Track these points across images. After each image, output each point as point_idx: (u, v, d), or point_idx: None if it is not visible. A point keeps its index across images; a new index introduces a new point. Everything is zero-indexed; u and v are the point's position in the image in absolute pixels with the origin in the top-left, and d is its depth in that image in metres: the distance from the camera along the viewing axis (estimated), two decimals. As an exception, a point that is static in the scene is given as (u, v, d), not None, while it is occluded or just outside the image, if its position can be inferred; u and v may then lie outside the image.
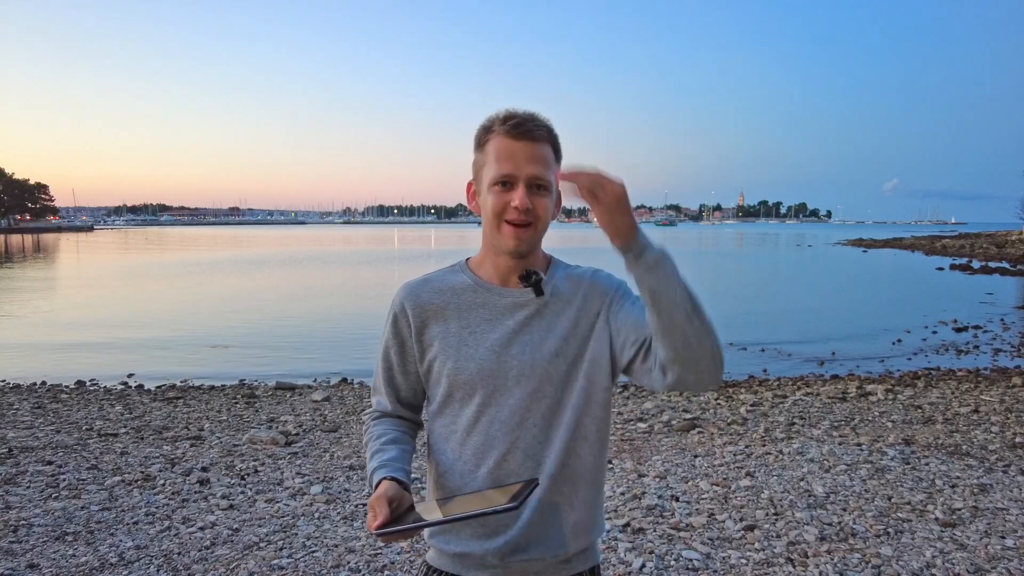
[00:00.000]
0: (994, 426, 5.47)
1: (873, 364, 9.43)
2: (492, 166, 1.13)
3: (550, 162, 1.14)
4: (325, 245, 59.46)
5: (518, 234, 1.13)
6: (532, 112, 1.15)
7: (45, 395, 7.39)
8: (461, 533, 1.18)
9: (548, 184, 1.14)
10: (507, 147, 1.12)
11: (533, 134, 1.12)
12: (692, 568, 2.99)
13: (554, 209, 1.19)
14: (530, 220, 1.13)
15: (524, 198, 1.11)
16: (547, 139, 1.14)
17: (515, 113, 1.13)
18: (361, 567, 3.03)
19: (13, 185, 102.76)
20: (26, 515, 3.61)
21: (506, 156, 1.12)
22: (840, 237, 78.98)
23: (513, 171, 1.11)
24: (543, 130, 1.13)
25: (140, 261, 37.11)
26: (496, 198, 1.13)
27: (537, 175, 1.12)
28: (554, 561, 1.18)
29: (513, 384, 1.16)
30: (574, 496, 1.19)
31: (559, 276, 1.23)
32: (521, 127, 1.11)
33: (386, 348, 1.25)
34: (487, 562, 1.17)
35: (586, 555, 1.22)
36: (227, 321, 13.87)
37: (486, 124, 1.16)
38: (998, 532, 3.30)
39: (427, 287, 1.23)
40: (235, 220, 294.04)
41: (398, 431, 1.25)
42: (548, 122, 1.16)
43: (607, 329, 1.18)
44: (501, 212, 1.13)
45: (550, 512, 1.17)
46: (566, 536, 1.18)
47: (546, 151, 1.14)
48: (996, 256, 33.93)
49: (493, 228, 1.15)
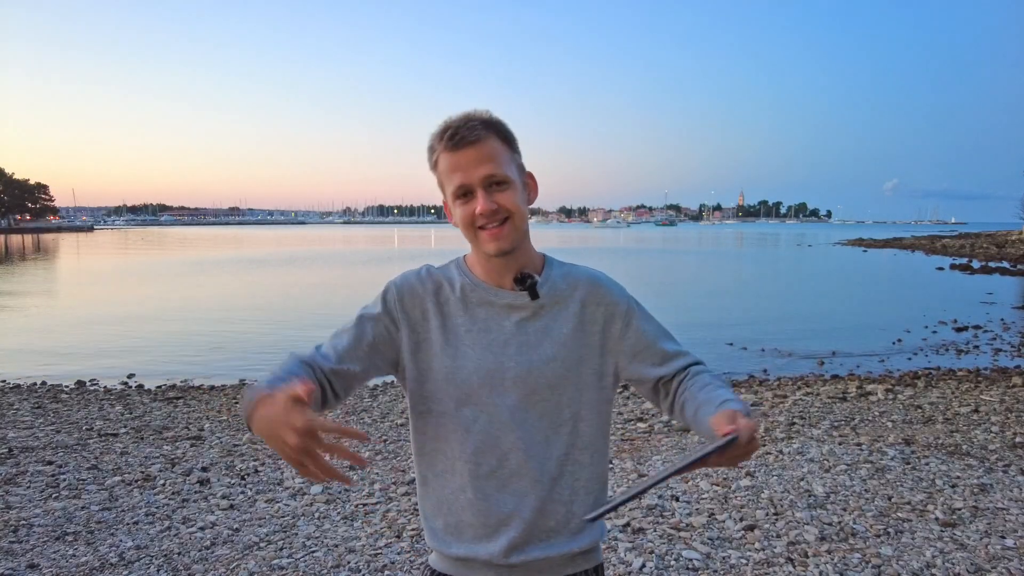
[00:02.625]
0: (994, 426, 5.47)
1: (873, 364, 9.42)
2: (447, 182, 1.14)
3: (499, 156, 1.13)
4: (325, 245, 59.46)
5: (495, 235, 1.13)
6: (467, 113, 1.13)
7: (45, 395, 7.39)
8: (463, 536, 1.18)
9: (504, 178, 1.13)
10: (452, 160, 1.12)
11: (469, 138, 1.11)
12: (692, 568, 2.99)
13: (525, 195, 1.19)
14: (503, 217, 1.13)
15: (485, 202, 1.11)
16: (489, 134, 1.13)
17: (450, 123, 1.13)
18: (361, 567, 3.03)
19: (13, 185, 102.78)
20: (26, 515, 3.61)
21: (454, 168, 1.12)
22: (840, 237, 79.01)
23: (465, 180, 1.12)
24: (479, 129, 1.12)
25: (140, 261, 37.11)
26: (462, 210, 1.14)
27: (489, 175, 1.11)
28: (558, 561, 1.18)
29: (511, 385, 1.15)
30: (575, 497, 1.19)
31: (555, 277, 1.22)
32: (456, 136, 1.11)
33: (367, 315, 1.17)
34: (491, 564, 1.16)
35: (589, 556, 1.22)
36: (228, 321, 13.87)
37: (430, 144, 1.16)
38: (998, 532, 3.30)
39: (429, 279, 1.22)
40: (235, 220, 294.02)
41: (305, 372, 1.06)
42: (485, 115, 1.14)
43: (620, 344, 1.21)
44: (471, 222, 1.13)
45: (552, 513, 1.17)
46: (568, 537, 1.18)
47: (491, 147, 1.12)
48: (996, 256, 33.92)
49: (472, 238, 1.16)
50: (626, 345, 1.21)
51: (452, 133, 1.11)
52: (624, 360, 1.21)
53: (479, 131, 1.11)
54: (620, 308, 1.21)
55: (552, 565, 1.18)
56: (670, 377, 1.20)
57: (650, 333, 1.21)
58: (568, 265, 1.26)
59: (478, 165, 1.11)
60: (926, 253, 40.71)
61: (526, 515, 1.15)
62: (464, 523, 1.17)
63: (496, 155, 1.13)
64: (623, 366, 1.22)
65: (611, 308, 1.20)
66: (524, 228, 1.18)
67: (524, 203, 1.17)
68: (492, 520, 1.16)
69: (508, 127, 1.17)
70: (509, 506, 1.15)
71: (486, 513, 1.16)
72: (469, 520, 1.17)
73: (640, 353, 1.21)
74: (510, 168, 1.15)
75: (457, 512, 1.18)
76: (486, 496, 1.15)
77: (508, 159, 1.15)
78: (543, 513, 1.16)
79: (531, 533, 1.15)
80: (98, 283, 23.42)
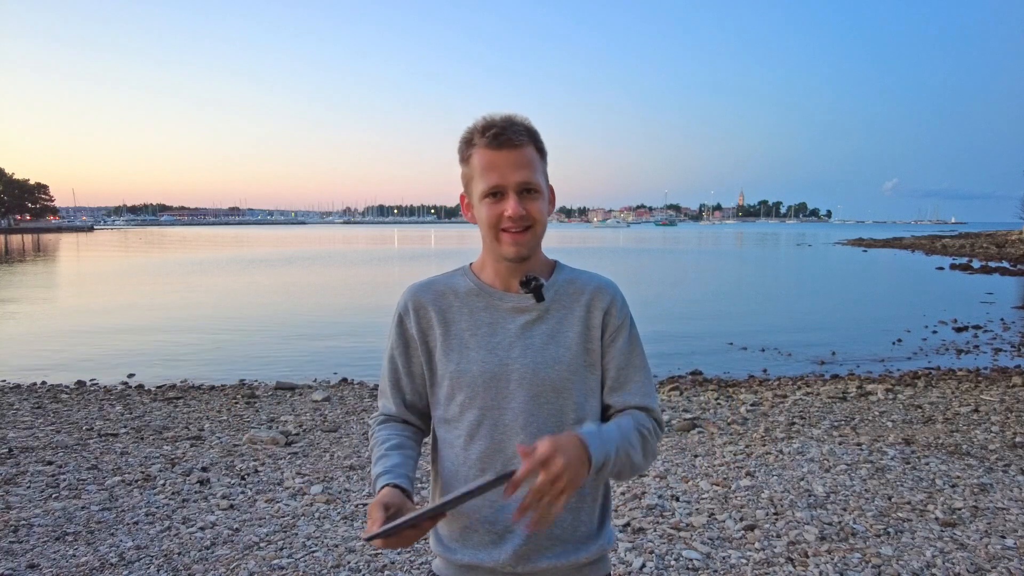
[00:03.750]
0: (994, 426, 5.47)
1: (873, 364, 9.43)
2: (480, 179, 1.13)
3: (535, 164, 1.14)
4: (325, 245, 59.45)
5: (517, 240, 1.13)
6: (509, 116, 1.14)
7: (45, 395, 7.39)
8: (468, 541, 1.17)
9: (538, 187, 1.14)
10: (491, 159, 1.12)
11: (514, 141, 1.11)
12: (692, 568, 2.99)
13: (549, 208, 1.20)
14: (527, 224, 1.13)
15: (516, 206, 1.11)
16: (529, 141, 1.14)
17: (493, 121, 1.13)
18: (361, 567, 3.03)
19: (13, 185, 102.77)
20: (26, 515, 3.61)
21: (491, 168, 1.12)
22: (840, 237, 79.01)
23: (500, 182, 1.11)
24: (523, 134, 1.13)
25: (140, 261, 37.11)
26: (489, 210, 1.13)
27: (525, 181, 1.12)
28: (565, 570, 1.17)
29: (515, 388, 1.15)
30: (580, 504, 1.17)
31: (562, 281, 1.22)
32: (501, 136, 1.11)
33: (391, 351, 1.24)
34: (496, 571, 1.15)
35: (597, 565, 1.21)
36: (228, 321, 13.87)
37: (467, 136, 1.15)
38: (998, 532, 3.30)
39: (431, 289, 1.23)
40: (235, 220, 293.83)
41: (402, 436, 1.22)
42: (527, 122, 1.15)
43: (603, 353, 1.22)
44: (496, 223, 1.13)
45: (559, 520, 1.15)
46: (576, 544, 1.17)
47: (529, 154, 1.13)
48: (996, 256, 33.93)
49: (492, 238, 1.15)
50: (605, 361, 1.21)
51: (497, 132, 1.11)
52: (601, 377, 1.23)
53: (523, 136, 1.12)
54: (615, 320, 1.21)
55: (559, 574, 1.16)
56: (618, 409, 1.20)
57: (623, 357, 1.20)
58: (578, 271, 1.26)
59: (516, 169, 1.11)
60: (926, 253, 40.71)
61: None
62: (469, 529, 1.16)
63: (533, 163, 1.14)
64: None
65: (608, 318, 1.21)
66: (541, 238, 1.19)
67: (546, 216, 1.18)
68: (498, 527, 1.15)
69: (542, 138, 1.18)
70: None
71: (492, 519, 1.15)
72: (474, 526, 1.16)
73: (606, 371, 1.21)
74: (542, 178, 1.16)
75: (462, 518, 1.17)
76: (491, 502, 1.14)
77: (541, 169, 1.17)
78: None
79: (538, 541, 1.14)
80: (98, 283, 23.42)
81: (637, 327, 1.24)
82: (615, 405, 1.20)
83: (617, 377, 1.20)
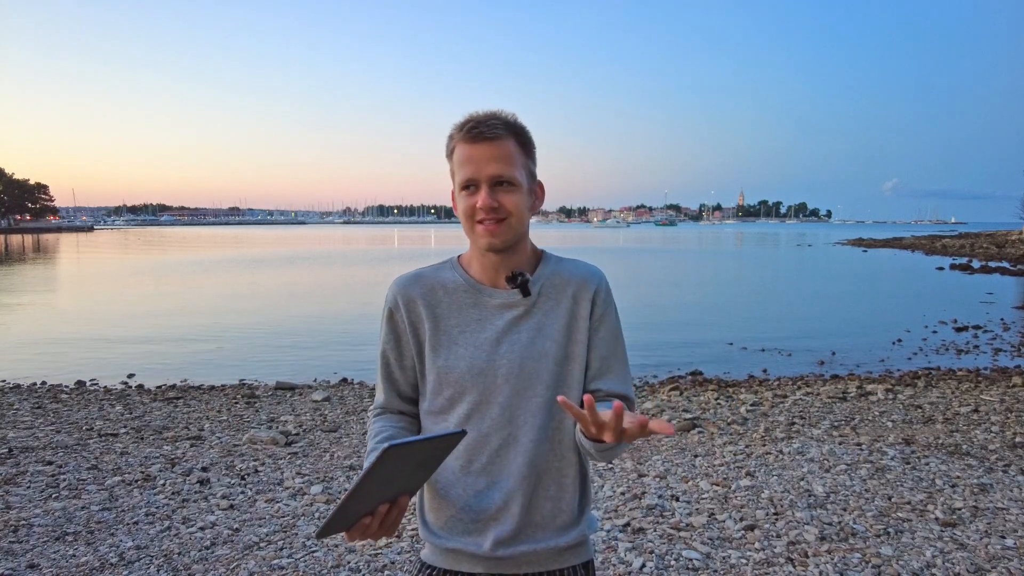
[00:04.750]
0: (994, 426, 5.47)
1: (873, 364, 9.43)
2: (457, 172, 1.18)
3: (513, 158, 1.16)
4: (325, 245, 59.47)
5: (491, 231, 1.16)
6: (493, 111, 1.17)
7: (45, 395, 7.39)
8: (454, 529, 1.20)
9: (512, 179, 1.15)
10: (467, 152, 1.15)
11: (488, 135, 1.14)
12: (692, 568, 2.99)
13: (530, 201, 1.21)
14: (501, 216, 1.15)
15: (487, 198, 1.14)
16: (508, 135, 1.16)
17: (473, 117, 1.16)
18: (361, 567, 3.03)
19: (13, 185, 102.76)
20: (26, 515, 3.61)
21: (467, 161, 1.15)
22: (840, 237, 79.04)
23: (473, 174, 1.15)
24: (500, 128, 1.15)
25: (140, 261, 37.11)
26: (464, 202, 1.17)
27: (497, 174, 1.14)
28: (546, 554, 1.20)
29: (503, 383, 1.18)
30: (561, 494, 1.21)
31: (547, 274, 1.24)
32: (476, 130, 1.14)
33: (383, 345, 1.27)
34: (478, 556, 1.19)
35: (577, 550, 1.24)
36: (227, 321, 13.87)
37: (451, 132, 1.19)
38: (998, 532, 3.30)
39: (420, 283, 1.24)
40: (235, 220, 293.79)
41: (396, 427, 1.25)
42: (510, 117, 1.17)
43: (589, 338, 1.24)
44: (472, 214, 1.16)
45: (539, 508, 1.20)
46: (556, 530, 1.21)
47: (507, 147, 1.15)
48: (996, 256, 33.94)
49: (469, 229, 1.19)
50: (590, 346, 1.23)
51: (472, 126, 1.14)
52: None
53: (499, 130, 1.14)
54: (599, 310, 1.23)
55: (539, 559, 1.20)
56: (604, 395, 1.22)
57: (606, 346, 1.23)
58: (564, 261, 1.28)
59: (489, 162, 1.14)
60: (926, 253, 40.73)
61: (515, 510, 1.17)
62: (455, 518, 1.20)
63: (509, 156, 1.15)
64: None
65: (594, 308, 1.23)
66: (521, 230, 1.20)
67: (527, 208, 1.19)
68: (483, 515, 1.18)
69: (528, 133, 1.20)
70: (498, 501, 1.18)
71: (476, 508, 1.18)
72: (459, 515, 1.20)
73: (590, 358, 1.23)
74: (520, 171, 1.17)
75: (448, 507, 1.21)
76: (477, 492, 1.18)
77: (520, 163, 1.18)
78: (531, 508, 1.19)
79: (519, 528, 1.18)
80: (98, 283, 23.42)
81: (620, 318, 1.27)
82: (600, 391, 1.23)
83: (601, 366, 1.23)
